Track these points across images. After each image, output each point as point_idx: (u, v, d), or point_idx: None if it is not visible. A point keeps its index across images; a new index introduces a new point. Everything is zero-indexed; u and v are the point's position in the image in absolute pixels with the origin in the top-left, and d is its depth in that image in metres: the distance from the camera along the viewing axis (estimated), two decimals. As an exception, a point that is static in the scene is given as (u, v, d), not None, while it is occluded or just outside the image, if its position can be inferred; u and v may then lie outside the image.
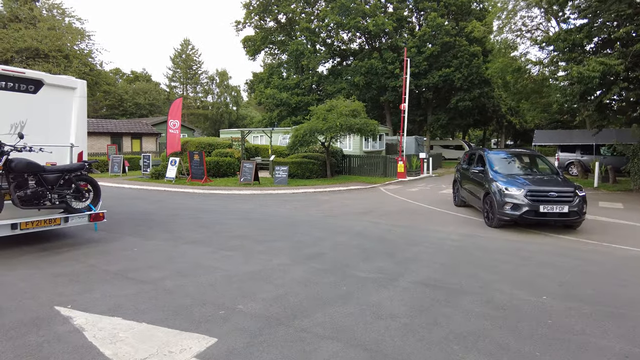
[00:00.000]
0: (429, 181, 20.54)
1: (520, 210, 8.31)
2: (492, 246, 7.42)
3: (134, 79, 63.58)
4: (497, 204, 8.67)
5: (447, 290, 5.02)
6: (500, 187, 8.78)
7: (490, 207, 9.03)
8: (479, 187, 9.93)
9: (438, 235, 8.17)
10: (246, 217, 9.98)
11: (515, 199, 8.40)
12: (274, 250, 6.80)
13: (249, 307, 4.39)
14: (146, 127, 33.42)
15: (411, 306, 4.51)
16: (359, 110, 18.91)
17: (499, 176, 9.22)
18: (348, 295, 4.80)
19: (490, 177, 9.34)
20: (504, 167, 9.81)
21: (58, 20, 39.14)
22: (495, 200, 8.73)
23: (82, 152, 7.64)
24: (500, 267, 6.07)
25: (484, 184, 9.51)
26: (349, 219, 9.82)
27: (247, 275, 5.45)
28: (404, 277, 5.47)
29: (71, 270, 5.54)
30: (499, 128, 59.49)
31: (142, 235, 7.74)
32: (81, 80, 7.76)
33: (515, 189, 8.51)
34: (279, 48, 42.92)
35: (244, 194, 14.45)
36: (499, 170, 9.60)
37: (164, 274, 5.44)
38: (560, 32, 17.40)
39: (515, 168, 10.04)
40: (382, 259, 6.34)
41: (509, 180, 8.94)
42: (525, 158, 10.80)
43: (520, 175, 9.41)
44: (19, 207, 6.13)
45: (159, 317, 4.09)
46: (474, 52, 33.73)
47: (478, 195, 9.88)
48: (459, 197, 11.93)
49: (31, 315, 4.11)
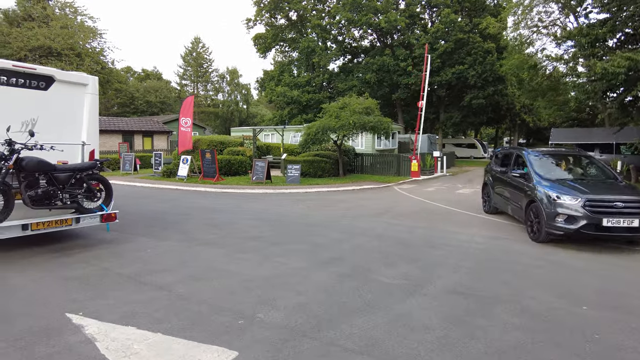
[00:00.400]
0: (443, 180, 20.12)
1: (577, 224, 6.89)
2: (518, 249, 7.07)
3: (144, 77, 63.83)
4: (545, 215, 7.29)
5: (479, 299, 4.70)
6: (549, 194, 7.38)
7: (535, 218, 7.64)
8: (519, 193, 8.53)
9: (460, 238, 7.83)
10: (260, 217, 9.73)
11: (570, 210, 6.99)
12: (291, 253, 6.53)
13: (269, 316, 4.13)
14: (157, 125, 33.43)
15: (443, 317, 4.20)
16: (373, 108, 18.56)
17: (546, 181, 7.82)
18: (374, 303, 4.50)
19: (534, 183, 7.96)
20: (550, 171, 8.41)
21: (70, 18, 39.37)
22: (543, 210, 7.34)
23: (94, 151, 7.45)
24: (531, 273, 5.73)
25: (527, 190, 8.14)
26: (366, 220, 9.51)
27: (265, 280, 5.19)
28: (431, 284, 5.16)
29: (83, 274, 5.33)
30: (512, 126, 58.64)
31: (155, 236, 7.53)
32: (93, 77, 7.57)
33: (570, 198, 7.09)
34: (290, 45, 42.68)
35: (256, 193, 14.22)
36: (545, 174, 8.13)
37: (179, 278, 5.20)
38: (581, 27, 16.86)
39: (563, 172, 8.67)
40: (406, 263, 6.03)
41: (559, 186, 7.55)
42: (574, 159, 9.35)
43: (572, 180, 8.08)
44: (29, 207, 5.95)
45: (175, 327, 3.84)
46: (488, 49, 33.11)
47: (518, 203, 8.53)
48: (490, 204, 10.47)
49: (41, 323, 3.89)
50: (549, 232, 7.27)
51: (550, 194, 7.37)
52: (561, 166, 8.89)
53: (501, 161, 10.40)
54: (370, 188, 16.21)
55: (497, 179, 10.01)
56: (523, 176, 8.49)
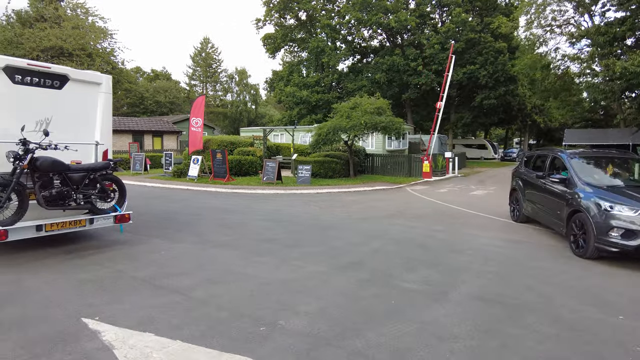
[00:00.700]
0: (456, 182, 19.85)
1: (638, 240, 5.92)
2: (541, 253, 6.84)
3: (154, 77, 64.15)
4: (595, 228, 6.29)
5: (507, 306, 4.50)
6: (599, 204, 6.39)
7: (580, 230, 6.65)
8: (557, 201, 7.51)
9: (480, 241, 7.61)
10: (273, 218, 9.59)
11: (629, 223, 5.99)
12: (308, 256, 6.37)
13: (290, 323, 3.97)
14: (167, 125, 33.51)
15: (472, 325, 4.01)
16: (384, 108, 18.36)
17: (593, 188, 6.80)
18: (399, 310, 4.33)
19: (578, 190, 6.96)
20: (596, 177, 7.37)
21: (82, 19, 39.63)
22: (592, 222, 6.35)
23: (107, 150, 7.36)
24: (558, 278, 5.51)
25: (568, 199, 7.13)
26: (381, 222, 9.33)
27: (283, 284, 5.03)
28: (455, 290, 4.97)
29: (97, 276, 5.22)
30: (522, 127, 58.00)
31: (168, 238, 7.42)
32: (106, 76, 7.48)
33: (627, 209, 6.08)
34: (299, 46, 42.55)
35: (267, 194, 14.09)
36: (590, 179, 7.14)
37: (195, 282, 5.07)
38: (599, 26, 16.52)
39: (609, 177, 7.57)
40: (427, 268, 5.84)
41: (611, 194, 6.54)
42: (622, 163, 8.15)
43: (625, 187, 7.00)
44: (43, 208, 5.86)
45: (194, 334, 3.70)
46: (500, 49, 32.71)
47: (557, 213, 7.49)
48: (519, 211, 9.41)
49: (57, 328, 3.77)
50: (600, 248, 6.27)
51: (601, 204, 6.37)
52: (607, 170, 7.84)
53: (533, 164, 9.42)
54: (382, 189, 16.01)
55: (529, 184, 9.01)
56: (563, 182, 7.48)
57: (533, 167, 9.33)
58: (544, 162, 8.76)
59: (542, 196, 8.29)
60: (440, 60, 32.74)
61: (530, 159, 9.76)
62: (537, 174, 8.63)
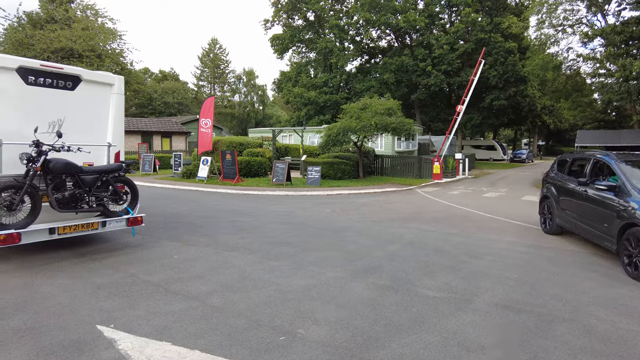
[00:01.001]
0: (467, 183, 19.61)
1: None
2: (563, 258, 6.64)
3: (162, 78, 64.47)
4: None
5: (534, 315, 4.32)
6: None
7: (636, 248, 5.73)
8: (606, 212, 6.48)
9: (499, 246, 7.43)
10: (285, 221, 9.46)
11: None
12: (325, 260, 6.23)
13: (311, 332, 3.83)
14: (176, 126, 33.56)
15: (500, 335, 3.85)
16: (395, 109, 18.19)
17: None
18: (422, 319, 4.17)
19: (634, 200, 5.94)
20: None
21: (91, 20, 39.88)
22: None
23: (120, 152, 7.27)
24: (583, 286, 5.32)
25: (619, 210, 6.15)
26: (395, 226, 9.16)
27: (301, 291, 4.90)
28: (478, 297, 4.80)
29: (111, 281, 5.12)
30: (531, 128, 57.42)
31: (181, 240, 7.32)
32: (119, 76, 7.39)
33: None
34: (307, 46, 42.51)
35: (277, 195, 13.98)
36: None
37: (210, 288, 4.95)
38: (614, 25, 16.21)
39: None
40: (447, 274, 5.68)
41: None
42: None
43: None
44: (56, 210, 5.78)
45: (213, 343, 3.58)
46: (510, 49, 32.36)
47: (604, 226, 6.50)
48: (552, 222, 8.39)
49: (72, 336, 3.67)
50: None
51: None
52: None
53: (568, 169, 8.36)
54: (393, 191, 15.83)
55: (565, 192, 8.00)
56: (612, 189, 6.50)
57: (569, 173, 8.31)
58: (584, 167, 7.82)
59: (583, 205, 7.26)
60: (449, 60, 32.47)
61: (564, 163, 8.69)
62: (579, 180, 7.51)
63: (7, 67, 5.76)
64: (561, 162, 8.96)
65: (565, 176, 8.33)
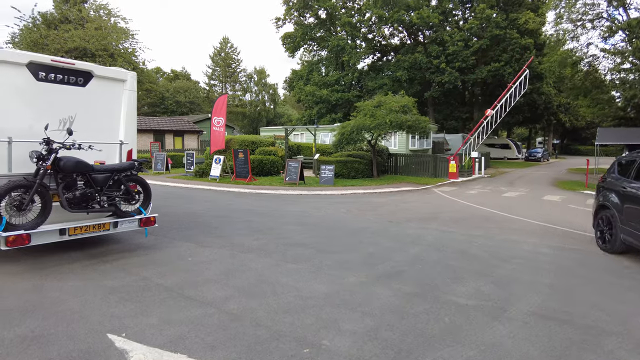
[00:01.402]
0: (483, 183, 19.13)
1: None
2: (597, 263, 6.26)
3: (174, 77, 64.74)
4: None
5: (578, 327, 3.97)
6: None
7: None
8: None
9: (525, 248, 7.05)
10: (300, 221, 9.18)
11: None
12: (345, 264, 5.93)
13: (336, 344, 3.54)
14: (188, 125, 33.55)
15: (543, 349, 3.51)
16: (410, 106, 17.78)
17: None
18: (455, 330, 3.85)
19: None
20: None
21: (104, 20, 40.11)
22: None
23: (132, 150, 7.06)
24: (626, 296, 4.93)
25: None
26: (415, 227, 8.83)
27: (323, 297, 4.61)
28: (513, 305, 4.46)
29: (122, 284, 4.89)
30: (546, 126, 56.34)
31: (194, 241, 7.08)
32: (131, 72, 7.17)
33: None
34: (319, 44, 42.17)
35: (291, 194, 13.72)
36: None
37: (227, 293, 4.69)
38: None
39: None
40: (475, 279, 5.34)
41: None
42: None
43: None
44: (67, 210, 5.58)
45: (231, 355, 3.31)
46: (526, 45, 31.61)
47: None
48: (616, 238, 6.69)
49: (81, 345, 3.43)
50: None
51: None
52: None
53: (636, 173, 6.82)
54: (409, 190, 15.46)
55: (633, 200, 6.46)
56: None
57: (636, 177, 6.79)
58: None
59: None
60: (463, 57, 31.87)
61: (630, 165, 7.11)
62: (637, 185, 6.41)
63: (17, 63, 5.56)
64: (625, 163, 7.40)
65: (632, 181, 6.75)
